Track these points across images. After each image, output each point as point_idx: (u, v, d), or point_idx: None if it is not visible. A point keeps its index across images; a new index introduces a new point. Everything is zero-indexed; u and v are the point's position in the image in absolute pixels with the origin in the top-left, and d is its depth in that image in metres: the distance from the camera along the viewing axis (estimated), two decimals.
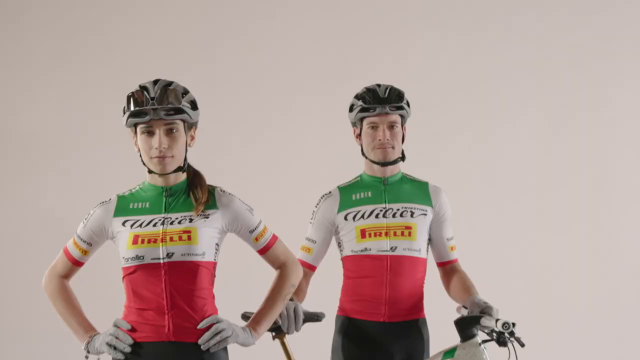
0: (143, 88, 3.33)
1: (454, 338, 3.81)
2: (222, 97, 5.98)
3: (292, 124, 6.18)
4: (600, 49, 6.34)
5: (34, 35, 6.40)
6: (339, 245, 4.15)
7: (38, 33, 6.41)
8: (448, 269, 4.14)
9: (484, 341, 3.72)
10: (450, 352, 3.76)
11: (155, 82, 3.37)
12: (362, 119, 4.00)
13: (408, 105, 4.04)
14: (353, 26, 6.52)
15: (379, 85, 4.04)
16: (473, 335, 3.71)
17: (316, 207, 4.16)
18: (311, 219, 4.17)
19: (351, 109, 4.04)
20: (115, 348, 3.26)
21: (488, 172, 5.91)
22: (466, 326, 3.75)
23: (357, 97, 4.05)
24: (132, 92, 3.35)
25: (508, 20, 6.68)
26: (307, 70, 6.47)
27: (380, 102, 3.95)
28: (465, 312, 3.89)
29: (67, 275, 3.51)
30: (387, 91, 3.99)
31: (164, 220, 3.34)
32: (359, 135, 4.05)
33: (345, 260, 4.11)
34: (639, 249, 6.18)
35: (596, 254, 6.28)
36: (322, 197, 4.15)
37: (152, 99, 3.28)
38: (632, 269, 6.23)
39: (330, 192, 4.15)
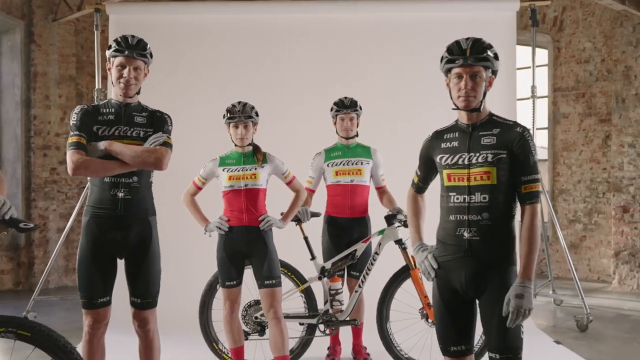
0: (233, 105, 4.30)
1: (383, 225, 4.79)
2: (262, 92, 6.13)
3: (302, 113, 6.38)
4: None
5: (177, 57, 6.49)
6: (325, 179, 5.00)
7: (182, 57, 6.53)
8: (381, 191, 5.01)
9: (398, 226, 4.73)
10: (381, 231, 4.78)
11: (239, 102, 4.32)
12: (336, 115, 4.87)
13: (360, 108, 4.88)
14: (336, 54, 6.69)
15: (345, 97, 4.89)
16: (393, 223, 4.75)
17: (313, 159, 5.00)
18: (311, 165, 5.02)
19: (331, 110, 4.91)
20: (220, 228, 4.30)
21: (413, 142, 5.70)
22: (390, 219, 4.78)
23: (334, 103, 4.91)
24: (228, 107, 4.35)
25: (419, 55, 6.45)
26: (313, 78, 6.60)
27: (345, 107, 4.83)
28: (390, 213, 4.82)
29: (194, 195, 4.52)
30: (350, 101, 4.85)
31: (242, 169, 4.33)
32: (335, 123, 4.91)
33: (328, 187, 4.97)
34: None
35: None
36: (316, 154, 5.00)
37: (239, 111, 4.23)
38: None
39: (320, 152, 4.99)
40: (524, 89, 7.01)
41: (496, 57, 2.75)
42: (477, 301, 2.84)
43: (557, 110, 9.18)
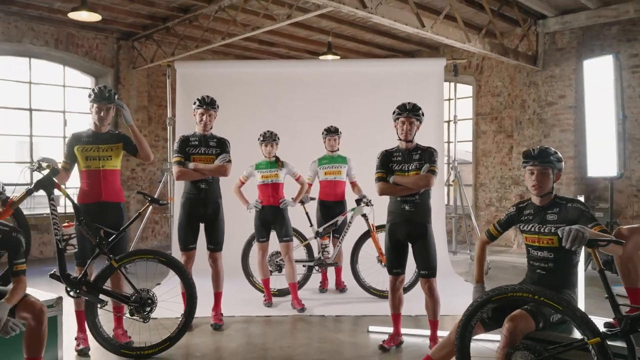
0: (265, 133, 4.85)
1: (354, 205, 5.27)
2: (277, 120, 6.10)
3: (303, 135, 6.39)
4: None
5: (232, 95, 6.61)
6: (318, 177, 5.43)
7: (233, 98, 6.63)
8: (353, 184, 5.45)
9: (363, 205, 5.18)
10: (353, 209, 5.30)
11: (268, 131, 4.86)
12: (325, 137, 5.40)
13: (340, 132, 5.39)
14: (324, 96, 6.87)
15: (331, 126, 5.40)
16: (360, 204, 5.22)
17: (311, 165, 5.44)
18: (309, 169, 5.44)
19: (322, 133, 5.42)
20: (256, 207, 4.90)
21: (375, 152, 4.47)
22: (358, 201, 5.23)
23: (324, 129, 5.39)
24: (262, 133, 4.86)
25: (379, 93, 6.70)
26: (310, 112, 6.75)
27: (331, 132, 5.39)
28: (358, 197, 5.24)
29: (240, 187, 5.01)
30: (334, 128, 5.38)
31: (269, 171, 4.91)
32: (324, 142, 5.42)
33: (320, 182, 5.43)
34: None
35: None
36: (312, 162, 5.45)
37: (268, 136, 4.85)
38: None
39: (315, 160, 5.43)
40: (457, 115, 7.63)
41: (423, 114, 3.70)
42: (410, 245, 3.71)
43: (478, 129, 9.81)
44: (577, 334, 2.57)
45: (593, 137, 6.34)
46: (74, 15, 6.09)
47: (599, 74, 6.29)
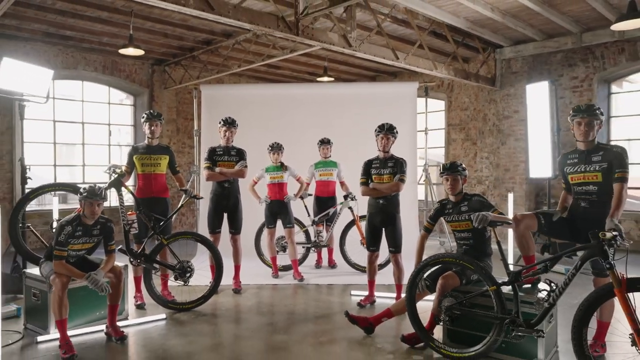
0: (272, 144, 5.36)
1: (342, 200, 5.79)
2: (282, 133, 6.33)
3: (303, 144, 6.47)
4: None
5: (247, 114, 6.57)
6: (314, 178, 5.89)
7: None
8: (342, 183, 5.90)
9: (349, 200, 5.71)
10: (341, 203, 5.81)
11: (275, 142, 5.36)
12: (320, 146, 5.87)
13: (332, 143, 5.84)
14: (320, 112, 7.11)
15: (324, 138, 5.86)
16: (347, 199, 5.76)
17: (309, 168, 5.91)
18: (308, 171, 5.92)
19: (317, 143, 5.88)
20: (266, 201, 5.45)
21: (359, 159, 4.70)
22: (346, 197, 5.78)
23: (319, 140, 5.84)
24: (270, 144, 5.38)
25: (367, 109, 6.93)
26: (308, 125, 6.95)
27: (324, 143, 5.86)
28: (345, 194, 5.77)
29: (253, 186, 5.54)
30: (327, 139, 5.85)
31: (276, 173, 5.46)
32: (319, 150, 5.86)
33: (316, 182, 5.91)
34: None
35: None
36: (310, 165, 5.91)
37: (275, 147, 5.38)
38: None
39: (312, 164, 5.89)
40: (430, 126, 8.01)
41: (397, 132, 4.29)
42: (384, 229, 4.33)
43: (449, 137, 10.23)
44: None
45: (534, 146, 7.09)
46: (124, 51, 6.80)
47: (538, 95, 7.06)
